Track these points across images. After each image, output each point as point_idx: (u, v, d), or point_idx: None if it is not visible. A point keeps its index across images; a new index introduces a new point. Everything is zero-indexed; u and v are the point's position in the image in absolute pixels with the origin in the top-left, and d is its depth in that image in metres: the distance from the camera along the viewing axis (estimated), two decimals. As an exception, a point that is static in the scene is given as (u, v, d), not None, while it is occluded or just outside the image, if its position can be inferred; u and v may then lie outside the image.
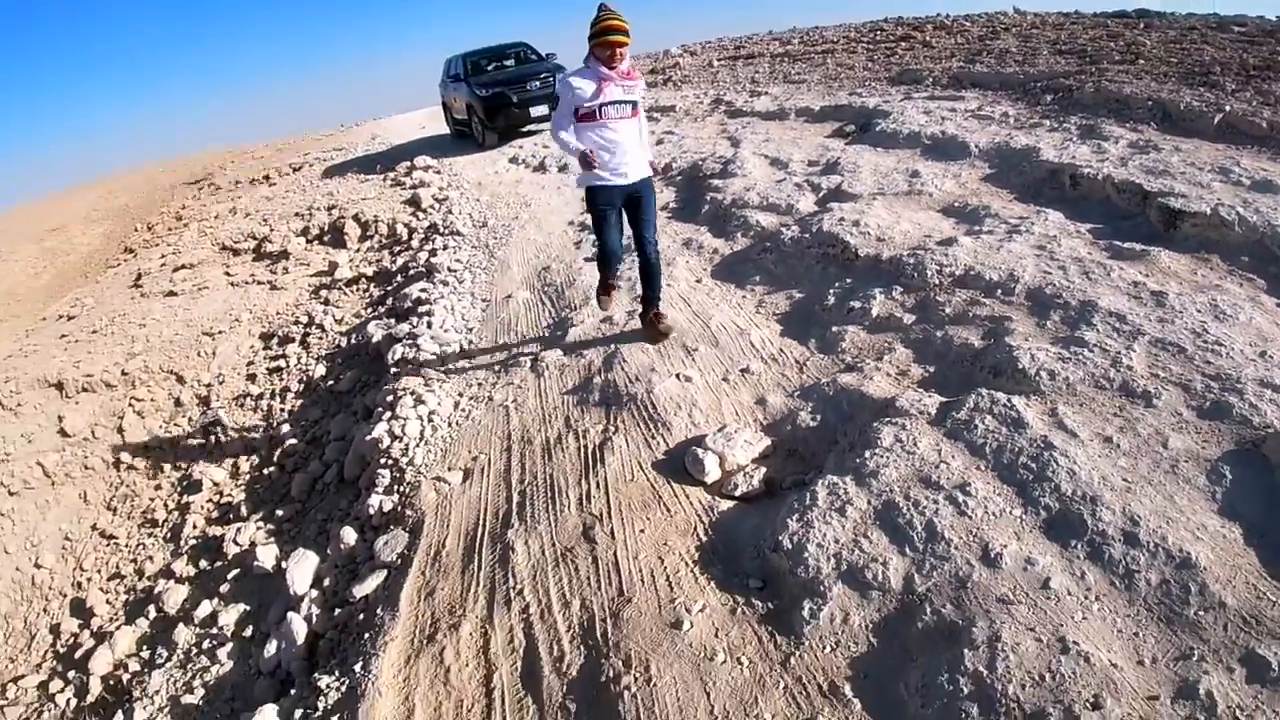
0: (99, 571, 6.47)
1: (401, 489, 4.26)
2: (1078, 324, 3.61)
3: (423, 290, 7.21)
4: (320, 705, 2.95)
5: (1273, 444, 2.56)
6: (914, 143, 7.61)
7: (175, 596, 5.31)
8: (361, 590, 3.56)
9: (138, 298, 10.41)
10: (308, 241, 10.41)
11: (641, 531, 3.12)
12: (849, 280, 5.02)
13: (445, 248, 8.48)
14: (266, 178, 16.75)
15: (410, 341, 6.02)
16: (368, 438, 4.86)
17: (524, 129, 14.75)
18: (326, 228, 10.65)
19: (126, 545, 6.61)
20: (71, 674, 5.33)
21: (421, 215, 10.22)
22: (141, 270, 11.56)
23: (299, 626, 3.72)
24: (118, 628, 5.44)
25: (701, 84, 16.33)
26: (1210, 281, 3.93)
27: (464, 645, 2.85)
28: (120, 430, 7.75)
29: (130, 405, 7.96)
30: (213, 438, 7.22)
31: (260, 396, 7.46)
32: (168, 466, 7.23)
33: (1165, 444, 2.71)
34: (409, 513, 3.97)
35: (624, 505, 3.33)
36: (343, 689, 2.95)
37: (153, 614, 5.37)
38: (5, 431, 7.72)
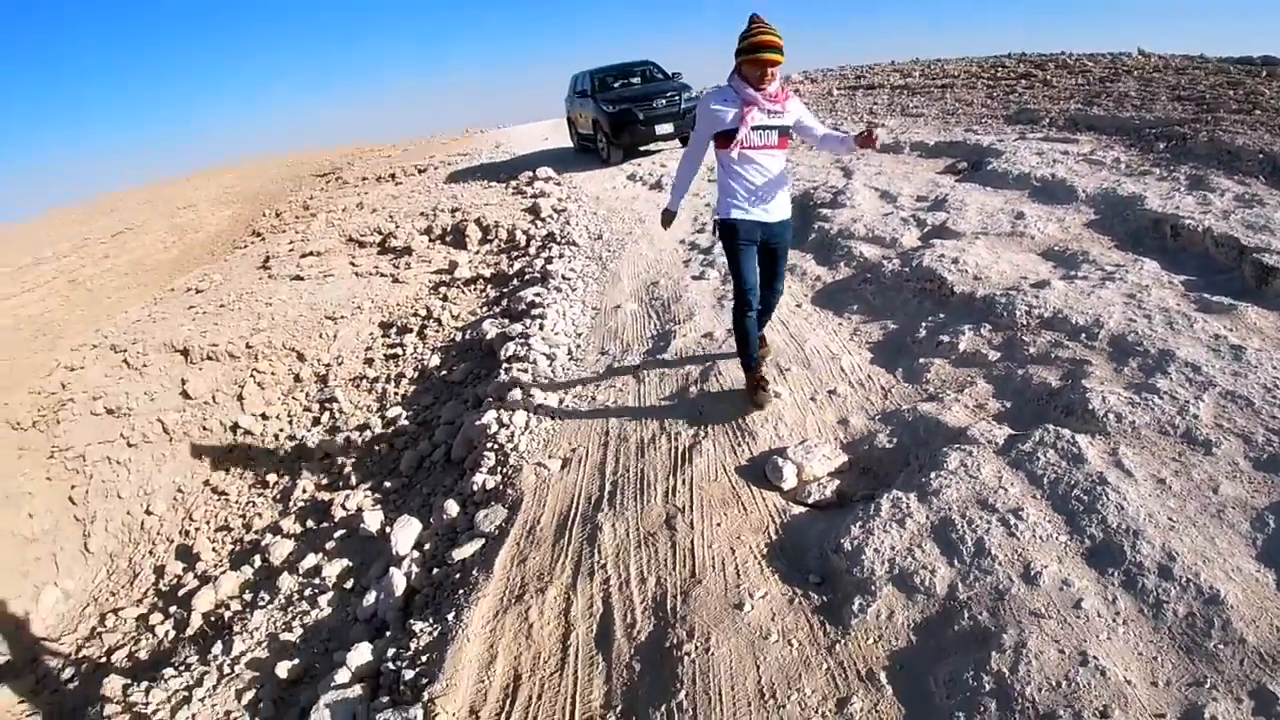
0: (208, 523, 7.13)
1: (504, 470, 4.70)
2: (1153, 372, 3.79)
3: (536, 294, 7.72)
4: (412, 646, 3.40)
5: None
6: (1023, 184, 7.73)
7: (281, 550, 5.88)
8: (460, 554, 4.01)
9: (265, 278, 11.31)
10: (430, 240, 11.16)
11: (718, 525, 3.46)
12: (942, 315, 5.25)
13: (560, 256, 9.01)
14: (393, 176, 17.79)
15: (523, 340, 6.52)
16: (477, 423, 5.34)
17: (646, 147, 15.10)
18: (449, 229, 11.38)
19: (236, 502, 7.28)
20: (173, 609, 5.92)
21: (540, 224, 10.82)
22: (270, 253, 12.53)
23: (399, 580, 4.19)
24: (222, 573, 6.04)
25: (820, 112, 16.54)
26: (1299, 340, 4.04)
27: (548, 607, 3.25)
28: (240, 398, 8.51)
29: (251, 376, 8.72)
30: (327, 414, 7.88)
31: (376, 380, 8.11)
32: (283, 435, 7.92)
33: (1216, 490, 2.90)
34: (509, 491, 4.41)
35: (705, 501, 3.68)
36: (434, 634, 3.40)
37: (258, 563, 5.95)
38: (129, 389, 8.56)
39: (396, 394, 7.71)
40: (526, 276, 8.81)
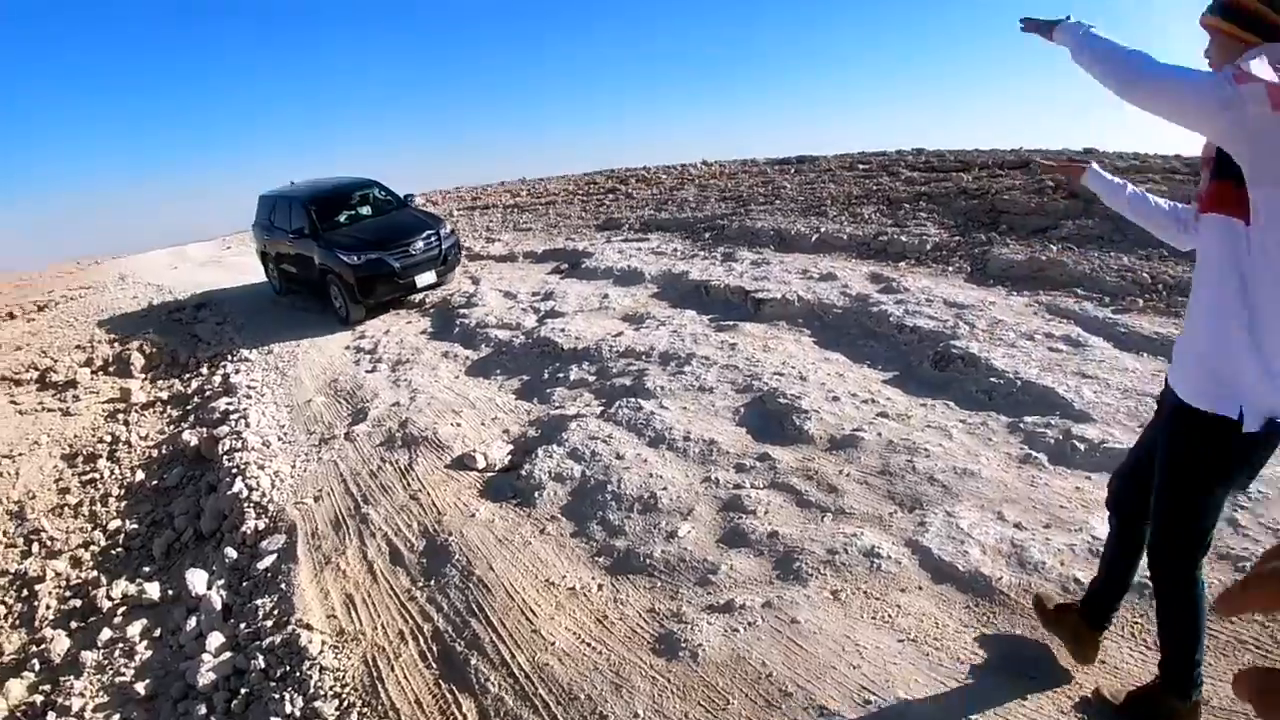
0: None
1: (269, 516, 6.56)
2: (684, 364, 6.96)
3: (229, 403, 9.37)
4: (259, 615, 5.34)
5: (766, 395, 5.93)
6: (608, 275, 11.23)
7: (58, 646, 6.42)
8: (262, 565, 5.89)
9: (-85, 427, 11.37)
10: (93, 371, 12.04)
11: (445, 490, 5.90)
12: (557, 364, 8.18)
13: (238, 370, 10.67)
14: (11, 315, 17.43)
15: (235, 435, 8.30)
16: (227, 494, 7.11)
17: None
18: (111, 359, 12.39)
19: (-37, 645, 7.87)
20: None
21: (205, 346, 12.35)
22: (-87, 403, 12.40)
23: (215, 599, 5.89)
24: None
25: (443, 233, 19.70)
26: (772, 334, 7.48)
27: (350, 558, 5.43)
28: (-83, 553, 8.98)
29: (-70, 529, 9.19)
30: (36, 545, 8.79)
31: (79, 504, 9.05)
32: (-12, 578, 8.66)
33: (714, 405, 6.04)
34: (280, 524, 6.33)
35: (432, 484, 6.06)
36: (274, 599, 5.36)
37: (37, 666, 6.18)
38: None
39: (108, 511, 8.79)
40: (208, 392, 10.31)
